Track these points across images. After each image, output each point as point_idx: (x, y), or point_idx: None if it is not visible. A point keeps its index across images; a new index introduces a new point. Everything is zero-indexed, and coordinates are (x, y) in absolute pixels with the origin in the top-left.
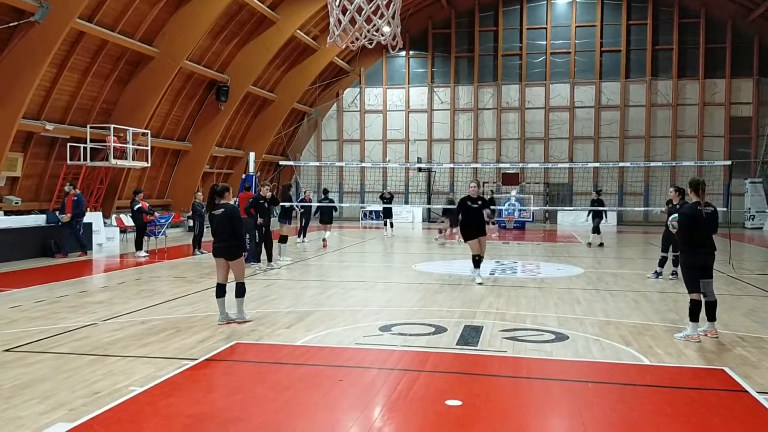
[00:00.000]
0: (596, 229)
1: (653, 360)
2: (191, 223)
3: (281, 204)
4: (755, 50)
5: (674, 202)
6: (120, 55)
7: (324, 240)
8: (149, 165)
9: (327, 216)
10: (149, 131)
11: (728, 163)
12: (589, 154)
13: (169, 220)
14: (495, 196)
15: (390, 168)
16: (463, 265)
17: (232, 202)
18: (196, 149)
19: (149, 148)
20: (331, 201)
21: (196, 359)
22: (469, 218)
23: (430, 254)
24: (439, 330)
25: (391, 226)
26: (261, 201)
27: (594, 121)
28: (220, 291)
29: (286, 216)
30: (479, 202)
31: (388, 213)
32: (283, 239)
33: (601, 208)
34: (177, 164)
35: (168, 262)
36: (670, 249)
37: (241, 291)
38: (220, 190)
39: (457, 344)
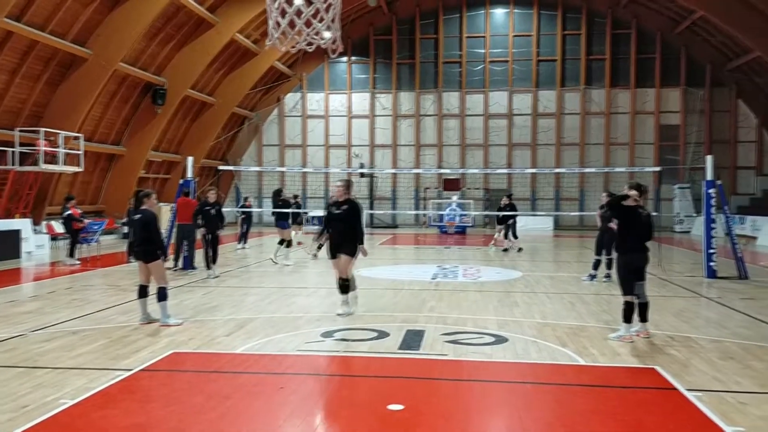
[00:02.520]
0: (513, 234)
1: (588, 360)
2: (126, 229)
3: (278, 210)
4: (682, 61)
5: None
6: (51, 56)
7: (299, 242)
8: (81, 170)
9: (297, 218)
10: (82, 135)
11: (658, 169)
12: (526, 160)
13: (103, 227)
14: (436, 201)
15: (332, 173)
16: (406, 270)
17: (154, 208)
18: (130, 154)
19: (82, 152)
20: (299, 206)
21: (131, 370)
22: (330, 228)
23: (373, 260)
24: (382, 335)
25: None
26: (207, 207)
27: (531, 128)
28: (141, 292)
29: (283, 219)
30: (344, 207)
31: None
32: (282, 242)
33: (512, 213)
34: (111, 169)
35: (101, 270)
36: (603, 252)
37: (162, 295)
38: (141, 195)
39: (399, 349)
